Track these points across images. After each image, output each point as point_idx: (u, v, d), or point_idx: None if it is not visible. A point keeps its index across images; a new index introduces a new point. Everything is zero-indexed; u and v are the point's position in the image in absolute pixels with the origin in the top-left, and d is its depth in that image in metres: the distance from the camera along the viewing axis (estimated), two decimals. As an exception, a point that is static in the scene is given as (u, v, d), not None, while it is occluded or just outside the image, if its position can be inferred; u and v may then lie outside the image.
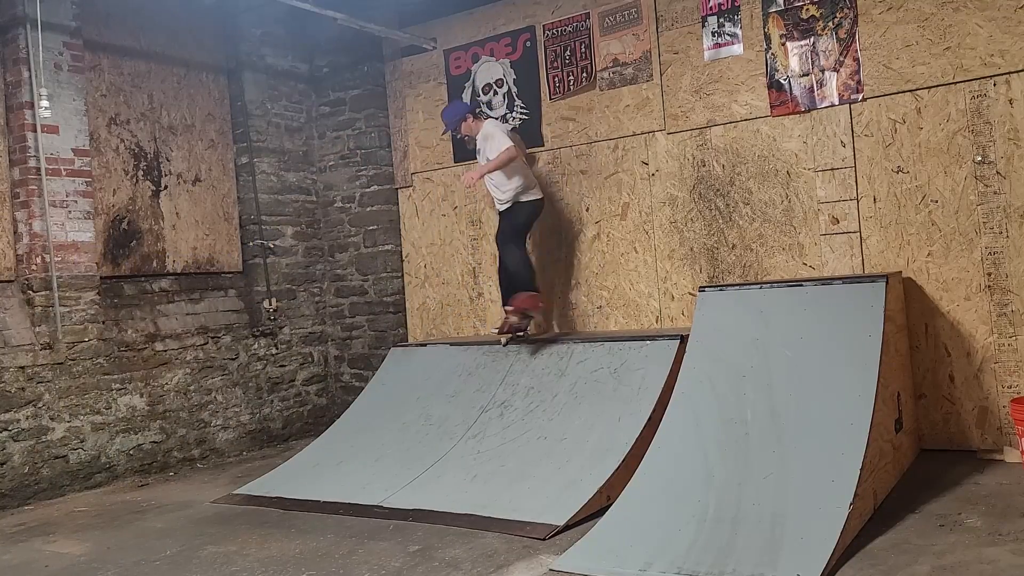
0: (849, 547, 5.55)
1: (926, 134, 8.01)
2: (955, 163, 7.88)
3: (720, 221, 9.08)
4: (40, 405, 8.76)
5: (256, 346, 10.86)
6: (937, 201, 7.98)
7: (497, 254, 9.60)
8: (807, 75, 8.51)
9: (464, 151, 10.63)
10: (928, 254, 8.03)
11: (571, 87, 9.93)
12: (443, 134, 10.14)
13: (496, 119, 9.91)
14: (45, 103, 8.68)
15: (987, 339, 7.78)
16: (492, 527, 6.71)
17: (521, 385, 8.53)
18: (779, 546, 5.47)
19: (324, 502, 7.77)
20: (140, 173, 10.02)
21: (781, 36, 8.67)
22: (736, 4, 8.90)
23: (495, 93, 10.52)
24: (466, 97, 10.70)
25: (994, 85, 7.70)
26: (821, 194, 8.51)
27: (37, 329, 8.83)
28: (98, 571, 6.46)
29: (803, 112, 8.57)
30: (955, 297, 7.92)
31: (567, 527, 6.51)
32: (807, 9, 8.53)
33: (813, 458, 6.02)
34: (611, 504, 6.46)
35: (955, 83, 7.86)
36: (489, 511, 6.96)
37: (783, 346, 6.86)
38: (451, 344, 9.69)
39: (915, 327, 8.08)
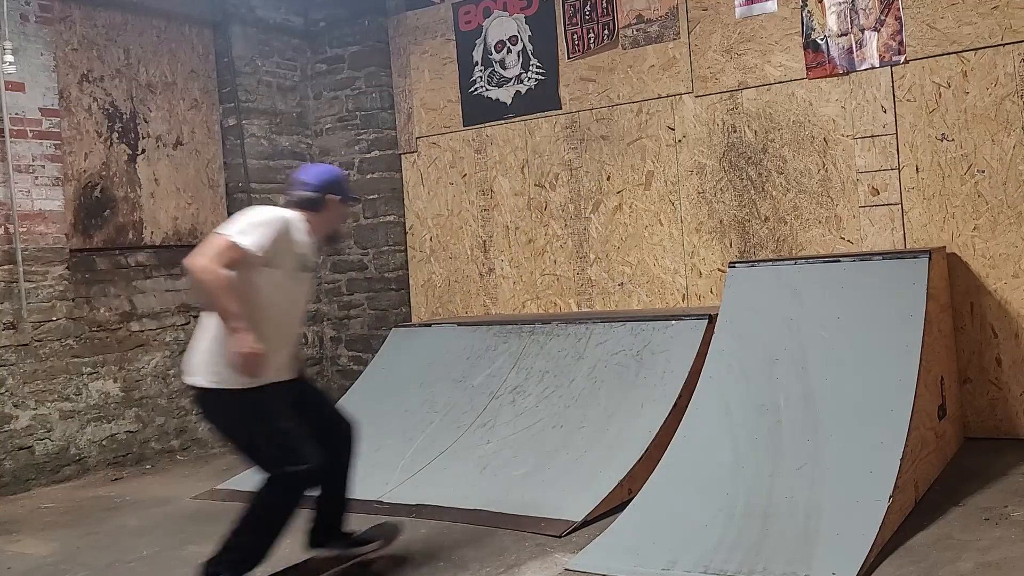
0: (888, 543, 5.64)
1: (972, 99, 8.17)
2: (1003, 130, 8.05)
3: (752, 192, 9.26)
4: (2, 391, 8.76)
5: (243, 326, 10.88)
6: (984, 171, 8.15)
7: (508, 227, 9.69)
8: (846, 35, 8.67)
9: (475, 115, 10.82)
10: (974, 228, 8.20)
11: (591, 45, 10.08)
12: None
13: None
14: (9, 58, 8.66)
15: (1038, 320, 7.97)
16: (503, 523, 6.79)
17: (535, 369, 8.61)
18: (813, 542, 5.57)
19: None
20: (115, 135, 10.01)
21: (819, -9, 8.82)
22: (770, -45, 9.04)
23: (508, 51, 10.65)
24: (477, 56, 10.85)
25: (1046, 47, 7.86)
26: (860, 163, 8.68)
27: None
28: (66, 573, 6.47)
29: (841, 74, 8.73)
30: (1003, 274, 8.10)
31: (585, 523, 6.58)
32: (848, -39, 8.68)
33: (850, 447, 6.13)
34: (633, 498, 6.55)
35: (1003, 44, 8.00)
36: (500, 506, 7.06)
37: (819, 327, 6.97)
38: (459, 324, 9.80)
39: (960, 306, 8.25)
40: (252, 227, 5.44)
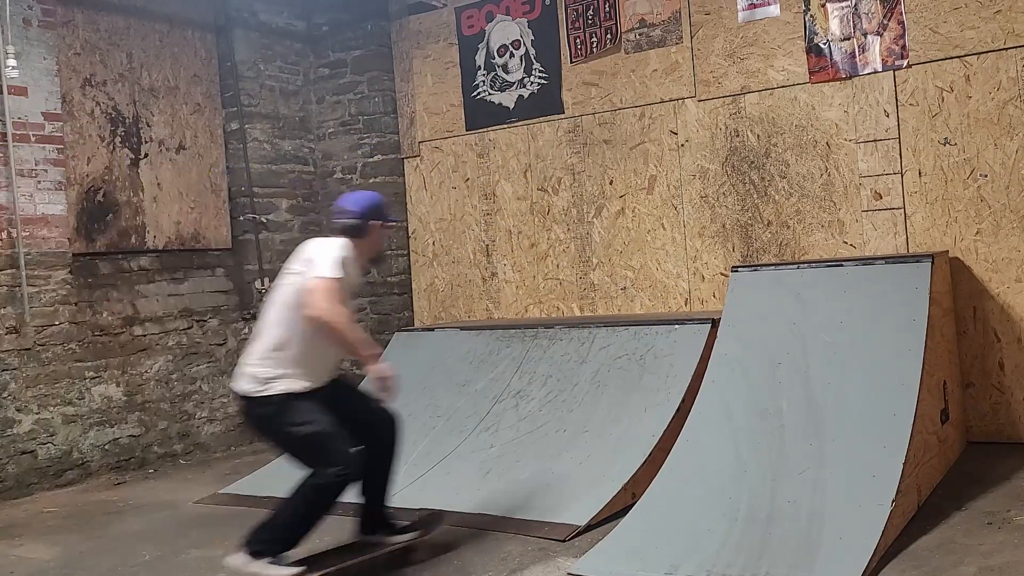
0: (891, 547, 5.68)
1: (975, 103, 8.21)
2: (1006, 134, 8.08)
3: (755, 196, 9.30)
4: (5, 395, 8.78)
5: (246, 330, 10.90)
6: (986, 175, 8.19)
7: (510, 231, 9.73)
8: (848, 39, 8.70)
9: (478, 119, 10.86)
10: (977, 232, 8.24)
11: (594, 49, 10.13)
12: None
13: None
14: (12, 62, 8.72)
15: (1042, 325, 8.00)
16: (506, 527, 6.82)
17: (538, 373, 8.65)
18: (816, 546, 5.60)
19: None
20: (118, 140, 10.03)
21: (821, -5, 8.87)
22: (773, -41, 9.08)
23: (511, 55, 10.70)
24: (480, 60, 10.91)
25: (1048, 51, 7.90)
26: (863, 167, 8.72)
27: (2, 311, 8.82)
28: (68, 578, 6.51)
29: (844, 79, 8.77)
30: (1005, 278, 8.14)
31: (589, 527, 6.62)
32: (850, -35, 8.72)
33: (853, 452, 6.17)
34: (636, 502, 6.59)
35: (1006, 49, 8.05)
36: (503, 510, 7.10)
37: (821, 331, 7.01)
38: (461, 328, 9.85)
39: (962, 311, 8.29)
40: (335, 262, 5.88)
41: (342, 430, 5.93)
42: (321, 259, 5.90)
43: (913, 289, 6.97)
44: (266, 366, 5.94)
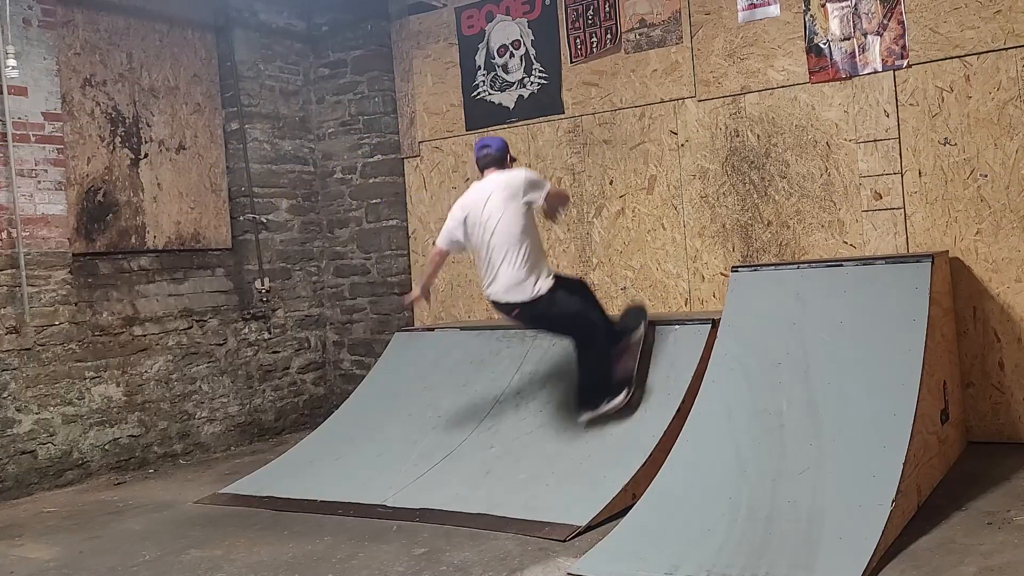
0: (891, 547, 5.68)
1: (975, 103, 8.22)
2: (1006, 134, 8.09)
3: (755, 196, 9.31)
4: (5, 395, 8.77)
5: (246, 330, 11.00)
6: (986, 175, 8.20)
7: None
8: (848, 39, 8.71)
9: (478, 119, 10.86)
10: (977, 232, 8.25)
11: (594, 49, 10.14)
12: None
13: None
14: (12, 62, 8.71)
15: (1042, 325, 8.01)
16: (506, 528, 6.82)
17: (539, 374, 8.65)
18: (816, 546, 5.61)
19: (321, 501, 7.88)
20: (118, 140, 10.04)
21: (821, -5, 8.88)
22: (773, -41, 9.09)
23: (511, 55, 10.71)
24: (480, 60, 10.92)
25: (1048, 51, 7.91)
26: (863, 167, 8.72)
27: (2, 311, 8.80)
28: (68, 578, 6.52)
29: (844, 79, 8.78)
30: (1006, 278, 8.14)
31: (589, 528, 6.62)
32: (850, -35, 8.73)
33: (853, 451, 6.18)
34: (636, 502, 6.60)
35: (1006, 49, 8.06)
36: (503, 510, 7.09)
37: (821, 331, 7.02)
38: (462, 328, 9.85)
39: (962, 311, 8.30)
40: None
41: (585, 303, 8.00)
42: (524, 176, 7.88)
43: (913, 289, 6.97)
44: (523, 276, 7.65)
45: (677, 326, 8.25)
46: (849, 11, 8.69)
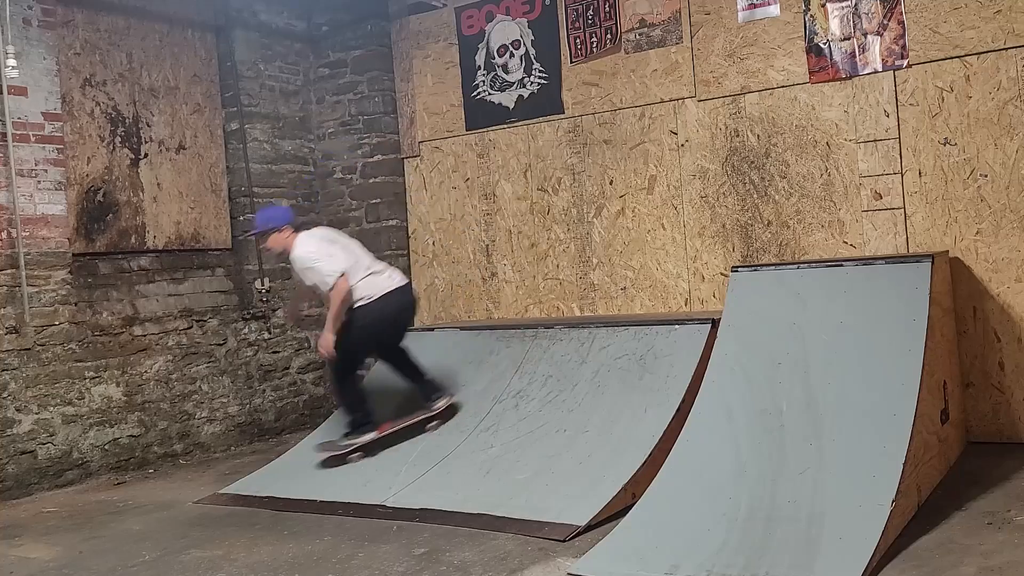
0: (891, 547, 5.68)
1: (975, 103, 8.22)
2: (1006, 134, 8.10)
3: (755, 196, 9.31)
4: (5, 395, 8.76)
5: (246, 330, 11.01)
6: (987, 175, 8.20)
7: (510, 231, 9.75)
8: (848, 39, 8.72)
9: (478, 119, 10.87)
10: (977, 232, 8.25)
11: (594, 49, 10.14)
12: (246, 234, 10.52)
13: (310, 234, 8.98)
14: (12, 62, 8.69)
15: (1042, 325, 8.01)
16: (506, 528, 6.82)
17: (539, 373, 8.66)
18: (816, 546, 5.61)
19: (321, 502, 7.89)
20: (118, 140, 10.03)
21: (821, -5, 8.88)
22: (773, -40, 9.10)
23: (511, 55, 10.71)
24: (480, 60, 10.93)
25: (1048, 51, 7.92)
26: (863, 167, 8.73)
27: (2, 311, 8.79)
28: (68, 578, 6.52)
29: (844, 79, 8.79)
30: (1006, 279, 8.15)
31: (589, 527, 6.62)
32: (850, -35, 8.73)
33: (853, 452, 6.17)
34: (636, 502, 6.59)
35: (1006, 49, 8.06)
36: (503, 510, 7.08)
37: (821, 331, 7.00)
38: (461, 328, 9.87)
39: (962, 311, 8.30)
40: None
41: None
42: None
43: (913, 289, 6.95)
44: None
45: (677, 326, 8.25)
46: (849, 11, 8.69)
